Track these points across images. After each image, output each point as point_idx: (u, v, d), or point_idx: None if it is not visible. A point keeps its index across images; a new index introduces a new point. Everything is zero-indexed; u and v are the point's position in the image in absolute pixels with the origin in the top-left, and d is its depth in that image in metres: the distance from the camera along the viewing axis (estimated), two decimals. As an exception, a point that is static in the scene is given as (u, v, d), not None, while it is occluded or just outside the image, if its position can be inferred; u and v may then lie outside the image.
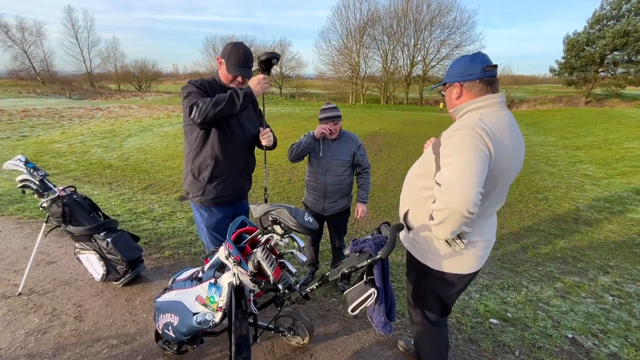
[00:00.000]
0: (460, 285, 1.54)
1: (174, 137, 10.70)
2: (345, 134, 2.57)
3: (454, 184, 1.16)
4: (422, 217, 1.47)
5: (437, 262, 1.46)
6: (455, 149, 1.23)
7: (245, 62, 1.83)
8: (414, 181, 1.53)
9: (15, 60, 42.06)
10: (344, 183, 2.55)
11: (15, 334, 2.12)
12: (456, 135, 1.26)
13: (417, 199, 1.49)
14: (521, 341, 2.25)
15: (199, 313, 1.48)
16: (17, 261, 3.01)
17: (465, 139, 1.23)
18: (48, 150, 8.35)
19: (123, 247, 2.61)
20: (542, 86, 51.82)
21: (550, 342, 2.25)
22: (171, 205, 4.81)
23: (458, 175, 1.17)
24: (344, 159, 2.50)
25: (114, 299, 2.51)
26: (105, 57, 48.78)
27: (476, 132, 1.24)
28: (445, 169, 1.22)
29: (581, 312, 2.63)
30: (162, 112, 18.06)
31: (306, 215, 1.32)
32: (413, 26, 34.08)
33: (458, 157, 1.20)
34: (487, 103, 1.35)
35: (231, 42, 1.86)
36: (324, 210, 2.59)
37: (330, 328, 2.27)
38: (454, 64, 1.44)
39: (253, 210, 1.39)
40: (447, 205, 1.17)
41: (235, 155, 1.96)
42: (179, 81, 59.05)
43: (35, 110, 15.63)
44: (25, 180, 2.53)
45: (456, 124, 1.35)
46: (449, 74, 1.44)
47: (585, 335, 2.35)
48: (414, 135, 12.45)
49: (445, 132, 1.41)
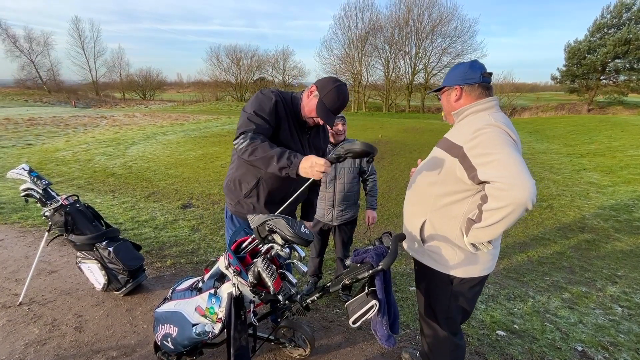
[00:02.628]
0: (481, 286, 1.56)
1: (177, 145, 10.77)
2: (350, 141, 2.55)
3: (514, 179, 1.14)
4: (443, 225, 1.44)
5: (462, 268, 1.44)
6: (491, 146, 1.23)
7: (338, 110, 1.60)
8: (427, 190, 1.49)
9: (23, 69, 42.85)
10: (352, 191, 2.53)
11: (15, 345, 2.09)
12: (483, 134, 1.27)
13: (436, 208, 1.45)
14: (529, 354, 2.19)
15: (198, 324, 1.46)
16: (18, 270, 3.00)
17: (496, 136, 1.24)
18: (52, 159, 8.41)
19: (125, 256, 2.60)
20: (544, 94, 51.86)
21: (560, 355, 2.19)
22: (173, 213, 4.80)
23: (511, 170, 1.16)
24: (349, 166, 2.49)
25: (114, 309, 2.48)
26: (111, 66, 49.60)
27: (502, 129, 1.27)
28: (489, 168, 1.20)
29: (590, 324, 2.57)
30: (166, 120, 18.23)
31: (303, 227, 1.31)
32: (414, 35, 34.38)
33: (499, 154, 1.20)
34: (489, 105, 1.41)
35: (334, 80, 1.58)
36: (332, 219, 2.55)
37: (334, 340, 2.22)
38: (453, 69, 1.50)
39: (250, 220, 1.37)
40: (511, 201, 1.14)
41: (279, 183, 1.71)
42: (183, 90, 59.66)
43: (41, 119, 15.82)
44: (28, 189, 2.53)
45: (473, 125, 1.34)
46: (449, 78, 1.49)
47: (595, 347, 2.28)
48: (416, 142, 12.46)
49: (452, 136, 1.42)
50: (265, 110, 1.55)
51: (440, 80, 37.04)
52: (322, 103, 1.55)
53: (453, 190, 1.39)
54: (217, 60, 43.96)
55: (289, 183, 1.71)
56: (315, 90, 1.59)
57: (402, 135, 14.57)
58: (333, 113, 1.59)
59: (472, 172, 1.27)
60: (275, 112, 1.57)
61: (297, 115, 1.68)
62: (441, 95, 1.57)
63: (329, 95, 1.55)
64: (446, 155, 1.41)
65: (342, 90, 1.57)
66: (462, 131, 1.39)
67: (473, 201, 1.37)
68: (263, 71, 44.18)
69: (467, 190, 1.36)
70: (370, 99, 38.34)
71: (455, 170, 1.34)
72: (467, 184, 1.33)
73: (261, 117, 1.53)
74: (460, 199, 1.39)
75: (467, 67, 1.44)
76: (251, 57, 43.70)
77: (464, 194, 1.38)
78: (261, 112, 1.54)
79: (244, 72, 43.55)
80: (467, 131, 1.34)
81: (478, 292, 1.58)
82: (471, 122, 1.39)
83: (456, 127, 1.49)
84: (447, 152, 1.41)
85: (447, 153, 1.40)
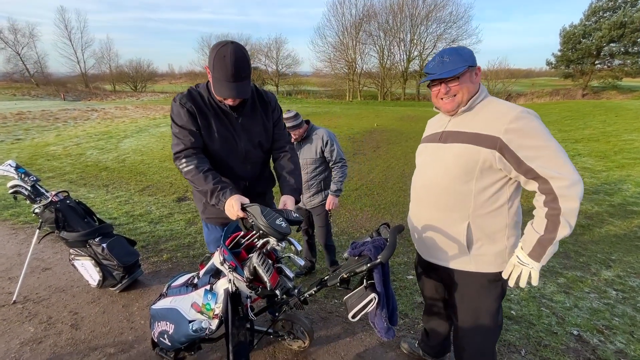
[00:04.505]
0: None
1: (171, 138, 10.60)
2: (314, 131, 2.61)
3: (574, 173, 1.14)
4: (489, 220, 1.35)
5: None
6: (536, 136, 1.18)
7: (235, 76, 1.35)
8: (463, 189, 1.35)
9: (9, 62, 41.66)
10: (317, 179, 2.66)
11: (10, 344, 2.06)
12: (521, 122, 1.20)
13: (478, 205, 1.34)
14: (526, 339, 2.21)
15: (195, 320, 1.43)
16: (11, 268, 2.95)
17: (538, 124, 1.20)
18: (43, 154, 8.25)
19: (119, 252, 2.56)
20: (539, 79, 51.73)
21: (556, 340, 2.22)
22: (169, 207, 4.75)
23: (567, 163, 1.15)
24: (311, 157, 2.59)
25: (110, 306, 2.45)
26: (100, 57, 48.39)
27: (534, 114, 1.23)
28: (545, 162, 1.16)
29: (585, 308, 2.60)
30: (159, 112, 17.94)
31: (279, 220, 1.26)
32: (409, 21, 33.95)
33: (549, 145, 1.17)
34: (485, 88, 1.39)
35: (216, 45, 1.37)
36: (304, 204, 2.76)
37: (333, 331, 2.22)
38: (459, 50, 1.35)
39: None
40: (580, 197, 1.13)
41: (232, 176, 1.63)
42: (175, 81, 58.59)
43: (30, 113, 15.47)
44: (16, 186, 2.47)
45: (492, 111, 1.29)
46: (469, 58, 1.33)
47: (591, 331, 2.31)
48: (412, 131, 12.40)
49: (470, 126, 1.32)
50: (183, 119, 1.49)
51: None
52: (216, 79, 1.36)
53: (493, 181, 1.32)
54: (209, 49, 43.11)
55: (240, 179, 1.68)
56: (207, 69, 1.41)
57: (397, 124, 14.51)
58: (233, 82, 1.35)
59: (520, 165, 1.20)
60: (190, 117, 1.49)
61: (217, 103, 1.54)
62: (450, 84, 1.33)
63: (216, 66, 1.33)
64: (476, 148, 1.28)
65: (225, 52, 1.31)
66: (480, 120, 1.31)
67: (512, 183, 1.33)
68: (256, 60, 43.30)
69: (506, 174, 1.30)
70: (365, 87, 38.02)
71: (494, 163, 1.26)
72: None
73: (184, 128, 1.50)
74: (501, 185, 1.33)
75: (468, 49, 1.37)
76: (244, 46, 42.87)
77: (504, 180, 1.33)
78: (181, 122, 1.50)
79: (237, 62, 42.69)
80: (491, 118, 1.27)
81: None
82: (486, 109, 1.32)
83: (462, 118, 1.38)
84: (475, 145, 1.28)
85: (477, 145, 1.28)
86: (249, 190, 1.72)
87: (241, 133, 1.59)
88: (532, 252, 1.25)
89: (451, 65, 1.32)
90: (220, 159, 1.59)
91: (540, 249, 1.23)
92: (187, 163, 1.46)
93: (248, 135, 1.61)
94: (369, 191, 5.82)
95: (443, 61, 1.34)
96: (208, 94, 1.53)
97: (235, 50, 1.33)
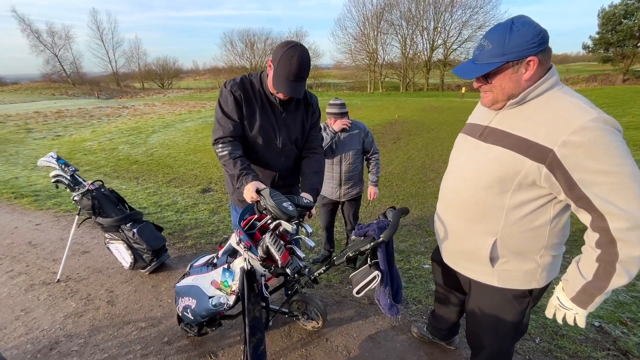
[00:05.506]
0: None
1: (195, 132, 11.00)
2: (354, 123, 2.68)
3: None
4: (522, 241, 1.14)
5: (545, 276, 1.20)
6: (604, 158, 0.91)
7: (297, 76, 1.44)
8: (493, 202, 1.13)
9: (48, 63, 44.68)
10: (357, 170, 2.72)
11: (55, 317, 2.30)
12: (587, 135, 0.91)
13: (510, 222, 1.12)
14: (543, 329, 2.18)
15: (214, 296, 1.55)
16: (55, 251, 3.25)
17: (609, 141, 0.91)
18: (80, 149, 8.83)
19: (148, 236, 2.76)
20: (575, 65, 48.53)
21: (575, 330, 2.17)
22: (194, 197, 4.99)
23: (636, 194, 0.89)
24: (355, 148, 2.65)
25: (141, 286, 2.66)
26: (129, 56, 50.83)
27: (611, 125, 0.93)
28: (606, 193, 0.92)
29: (610, 300, 2.52)
30: (184, 108, 18.57)
31: (286, 203, 1.34)
32: (432, 8, 32.83)
33: (619, 172, 0.90)
34: (557, 76, 1.04)
35: (284, 44, 1.44)
36: (340, 197, 2.75)
37: (346, 314, 2.30)
38: (515, 32, 0.99)
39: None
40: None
41: (262, 173, 1.76)
42: (199, 77, 60.20)
43: (68, 111, 16.53)
44: (58, 176, 2.71)
45: (551, 112, 1.00)
46: (516, 47, 0.99)
47: (614, 323, 2.25)
48: (434, 121, 12.12)
49: (517, 129, 1.05)
50: (229, 106, 1.59)
51: (460, 55, 34.60)
52: (277, 74, 1.45)
53: (533, 197, 1.07)
54: (231, 45, 43.70)
55: (271, 169, 1.78)
56: (271, 62, 1.48)
57: (419, 115, 14.20)
58: (293, 81, 1.45)
59: (572, 189, 0.95)
60: (236, 105, 1.58)
61: (267, 96, 1.63)
62: (494, 77, 1.07)
63: (281, 63, 1.42)
64: (519, 157, 1.03)
65: (293, 52, 1.40)
66: (534, 122, 1.02)
67: (558, 201, 1.07)
68: (277, 55, 43.65)
69: (552, 192, 1.04)
70: (387, 78, 37.31)
71: (538, 180, 1.02)
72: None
73: (227, 116, 1.60)
74: (543, 203, 1.08)
75: (536, 25, 0.99)
76: (265, 41, 43.21)
77: (548, 197, 1.07)
78: (226, 109, 1.59)
79: (258, 56, 43.25)
80: (549, 122, 0.98)
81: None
82: (545, 108, 1.02)
83: (514, 113, 1.09)
84: (519, 154, 1.03)
85: (521, 155, 1.02)
86: (279, 181, 1.82)
87: (282, 127, 1.69)
88: (575, 298, 1.04)
89: (487, 56, 1.04)
90: (258, 148, 1.70)
91: (587, 297, 1.01)
92: (223, 148, 1.58)
93: (287, 130, 1.71)
94: (387, 183, 5.80)
95: (482, 47, 1.06)
96: (260, 84, 1.63)
97: (302, 53, 1.43)
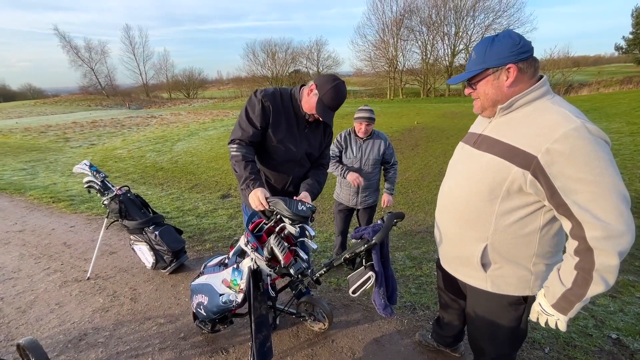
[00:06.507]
0: None
1: (217, 140, 11.42)
2: (376, 133, 2.72)
3: (623, 224, 0.91)
4: (512, 247, 1.16)
5: (537, 284, 1.21)
6: (585, 166, 0.93)
7: (336, 107, 1.68)
8: (484, 208, 1.16)
9: (85, 77, 48.04)
10: (374, 179, 2.76)
11: (85, 311, 2.51)
12: (569, 143, 0.95)
13: (500, 229, 1.15)
14: (554, 339, 2.14)
15: (224, 294, 1.67)
16: (86, 251, 3.51)
17: (592, 149, 0.94)
18: (112, 156, 9.42)
19: (169, 238, 2.94)
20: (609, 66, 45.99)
21: (590, 342, 2.11)
22: (214, 203, 5.21)
23: (616, 209, 0.91)
24: (375, 158, 2.68)
25: (162, 285, 2.84)
26: (158, 68, 53.51)
27: (594, 134, 0.96)
28: (585, 202, 0.94)
29: (632, 313, 2.42)
30: (208, 117, 19.30)
31: (300, 205, 1.44)
32: (453, 13, 32.34)
33: (599, 181, 0.92)
34: (547, 87, 1.09)
35: (332, 79, 1.65)
36: (356, 204, 2.81)
37: (353, 317, 2.36)
38: (496, 43, 1.09)
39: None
40: (623, 251, 0.92)
41: (276, 176, 1.91)
42: (223, 87, 62.31)
43: (102, 121, 17.62)
44: (90, 182, 2.96)
45: (538, 120, 1.04)
46: (492, 55, 1.09)
47: (633, 336, 2.16)
48: (453, 127, 11.92)
49: (506, 136, 1.10)
50: (255, 113, 1.71)
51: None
52: (321, 101, 1.63)
53: (522, 204, 1.10)
54: (254, 55, 44.98)
55: (285, 175, 1.90)
56: (315, 88, 1.66)
57: (439, 121, 14.01)
58: (331, 110, 1.67)
59: (553, 196, 0.99)
60: (262, 114, 1.70)
61: (295, 110, 1.79)
62: (477, 83, 1.16)
63: (327, 94, 1.62)
64: (506, 164, 1.07)
65: (339, 88, 1.63)
66: (521, 130, 1.07)
67: (548, 209, 1.09)
68: (297, 63, 44.54)
69: (542, 199, 1.07)
70: (407, 84, 36.99)
71: (526, 186, 1.05)
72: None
73: (250, 122, 1.71)
74: (532, 210, 1.10)
75: (517, 37, 1.08)
76: (285, 50, 44.18)
77: (537, 205, 1.09)
78: (252, 116, 1.71)
79: (279, 66, 44.26)
80: (533, 131, 1.03)
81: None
82: (533, 116, 1.07)
83: (505, 121, 1.14)
84: (507, 160, 1.07)
85: (508, 161, 1.07)
86: (289, 187, 1.97)
87: (303, 140, 1.85)
88: (556, 305, 1.06)
89: (471, 64, 1.15)
90: (278, 155, 1.83)
91: (566, 304, 1.03)
92: (238, 149, 1.70)
93: (307, 144, 1.88)
94: (403, 189, 5.80)
95: (470, 57, 1.17)
96: (289, 99, 1.79)
97: (343, 89, 1.67)
